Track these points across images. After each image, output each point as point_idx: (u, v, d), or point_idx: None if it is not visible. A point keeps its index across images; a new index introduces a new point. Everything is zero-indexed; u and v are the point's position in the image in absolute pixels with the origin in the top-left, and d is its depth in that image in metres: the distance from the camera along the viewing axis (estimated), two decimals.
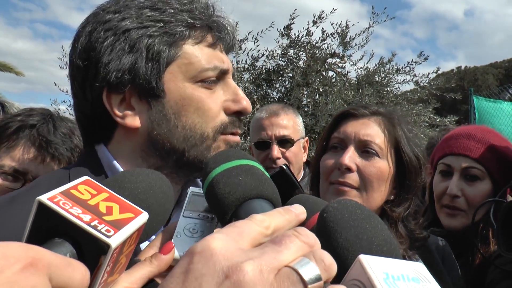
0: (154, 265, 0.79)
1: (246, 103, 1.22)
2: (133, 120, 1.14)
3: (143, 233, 0.76)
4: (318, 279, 0.59)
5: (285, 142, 3.02)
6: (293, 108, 3.17)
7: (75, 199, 0.68)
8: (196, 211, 1.01)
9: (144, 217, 0.74)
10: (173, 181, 1.17)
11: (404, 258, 1.07)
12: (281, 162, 2.96)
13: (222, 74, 1.20)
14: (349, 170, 1.67)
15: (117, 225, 0.67)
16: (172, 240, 0.92)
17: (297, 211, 0.73)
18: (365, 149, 1.70)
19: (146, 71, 1.11)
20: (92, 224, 0.65)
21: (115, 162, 1.16)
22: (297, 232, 0.64)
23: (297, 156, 3.09)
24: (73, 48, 1.18)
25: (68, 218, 0.64)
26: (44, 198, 0.65)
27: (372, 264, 0.66)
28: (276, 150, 2.98)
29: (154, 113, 1.14)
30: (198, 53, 1.16)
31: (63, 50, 14.09)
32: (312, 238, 0.64)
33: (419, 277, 0.68)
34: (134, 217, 0.72)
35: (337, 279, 0.65)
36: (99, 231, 0.64)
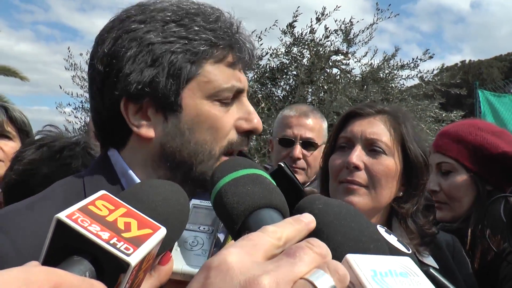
0: (154, 277, 0.79)
1: (257, 122, 1.23)
2: (148, 131, 1.16)
3: (161, 247, 0.76)
4: None
5: (309, 145, 3.01)
6: (321, 113, 3.17)
7: (93, 215, 0.68)
8: (196, 224, 1.01)
9: (162, 232, 0.74)
10: None
11: (415, 253, 1.08)
12: (302, 163, 2.97)
13: (238, 93, 1.22)
14: (357, 168, 1.69)
15: (136, 242, 0.67)
16: (172, 253, 0.92)
17: (307, 220, 0.73)
18: (372, 147, 1.72)
19: (166, 86, 1.12)
20: (111, 242, 0.64)
21: (130, 171, 1.18)
22: (310, 243, 0.65)
23: (317, 161, 3.08)
24: (96, 51, 1.18)
25: (87, 236, 0.63)
26: (62, 215, 0.64)
27: (359, 263, 0.66)
28: (298, 150, 2.97)
29: (169, 126, 1.16)
30: (218, 72, 1.17)
31: (69, 51, 14.18)
32: (325, 249, 0.65)
33: (407, 272, 0.69)
34: (153, 233, 0.71)
35: None
36: (118, 249, 0.64)
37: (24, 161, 1.87)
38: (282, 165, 2.32)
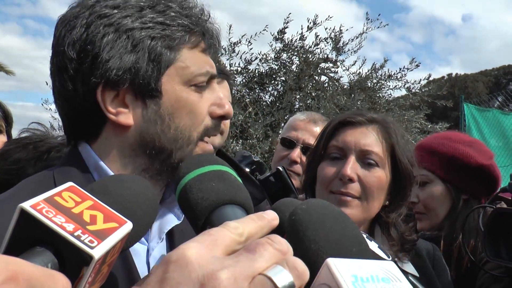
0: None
1: (228, 107, 1.24)
2: (127, 118, 1.14)
3: (127, 241, 0.76)
4: (291, 286, 0.61)
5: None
6: None
7: (59, 206, 0.67)
8: None
9: (128, 227, 0.73)
10: (157, 183, 1.19)
11: (394, 260, 1.09)
12: (298, 168, 2.90)
13: (210, 79, 1.22)
14: (351, 180, 1.69)
15: (101, 235, 0.66)
16: None
17: (270, 217, 0.74)
18: (365, 159, 1.72)
19: (147, 71, 1.11)
20: (76, 234, 0.63)
21: (102, 163, 1.15)
22: (270, 239, 0.65)
23: None
24: (63, 37, 1.14)
25: (51, 227, 0.62)
26: (27, 205, 0.63)
27: (340, 268, 0.66)
28: (297, 153, 2.91)
29: (149, 113, 1.14)
30: (193, 58, 1.18)
31: None
32: (285, 246, 0.66)
33: (389, 277, 0.68)
34: (118, 227, 0.71)
35: (307, 283, 0.66)
36: (82, 241, 0.63)
37: (10, 160, 1.83)
38: (281, 169, 2.33)
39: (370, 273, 0.68)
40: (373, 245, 0.99)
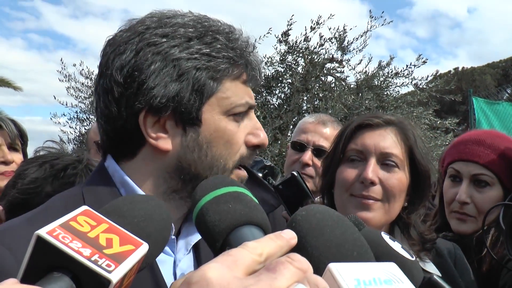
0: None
1: (263, 137, 1.27)
2: (166, 143, 1.17)
3: (143, 262, 0.76)
4: None
5: (321, 153, 2.87)
6: (342, 125, 3.10)
7: (75, 231, 0.67)
8: None
9: (144, 248, 0.73)
10: (186, 203, 1.23)
11: (416, 260, 1.09)
12: (310, 171, 2.87)
13: (249, 109, 1.26)
14: (372, 183, 1.69)
15: (118, 258, 0.66)
16: None
17: (288, 236, 0.73)
18: (385, 161, 1.72)
19: (189, 101, 1.15)
20: (93, 258, 0.63)
21: (127, 178, 1.19)
22: (290, 258, 0.65)
23: None
24: (111, 61, 1.18)
25: (68, 253, 0.62)
26: (43, 232, 0.63)
27: (342, 272, 0.66)
28: (308, 156, 2.87)
29: (188, 140, 1.18)
30: (235, 89, 1.21)
31: (62, 62, 14.22)
32: (305, 264, 0.65)
33: (391, 278, 0.69)
34: (135, 249, 0.71)
35: None
36: (100, 266, 0.63)
37: (28, 179, 1.85)
38: (295, 174, 2.32)
39: (372, 275, 0.68)
40: (396, 245, 0.99)
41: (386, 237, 1.00)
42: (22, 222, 1.11)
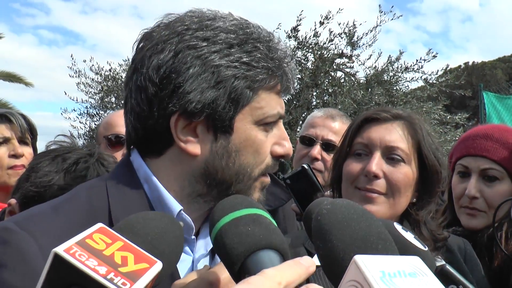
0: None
1: (289, 147, 1.26)
2: (195, 148, 1.16)
3: (156, 280, 0.76)
4: None
5: (330, 147, 2.90)
6: (351, 119, 3.08)
7: (91, 249, 0.68)
8: None
9: (158, 266, 0.74)
10: (208, 206, 1.22)
11: (428, 250, 1.09)
12: (319, 165, 2.87)
13: (279, 119, 1.25)
14: (376, 177, 1.69)
15: (133, 277, 0.67)
16: None
17: (307, 264, 0.74)
18: (390, 155, 1.71)
19: (224, 109, 1.14)
20: (109, 277, 0.64)
21: (154, 177, 1.19)
22: None
23: None
24: (147, 58, 1.16)
25: (84, 271, 0.63)
26: (60, 250, 0.64)
27: (367, 264, 0.67)
28: (317, 150, 2.87)
29: (218, 147, 1.17)
30: (269, 99, 1.20)
31: (72, 58, 14.29)
32: None
33: (416, 271, 0.69)
34: (149, 267, 0.72)
35: (336, 281, 0.68)
36: (116, 284, 0.64)
37: (41, 173, 1.87)
38: (306, 167, 2.32)
39: (397, 268, 0.69)
40: (409, 236, 0.99)
41: (399, 227, 1.00)
42: (47, 210, 1.11)
